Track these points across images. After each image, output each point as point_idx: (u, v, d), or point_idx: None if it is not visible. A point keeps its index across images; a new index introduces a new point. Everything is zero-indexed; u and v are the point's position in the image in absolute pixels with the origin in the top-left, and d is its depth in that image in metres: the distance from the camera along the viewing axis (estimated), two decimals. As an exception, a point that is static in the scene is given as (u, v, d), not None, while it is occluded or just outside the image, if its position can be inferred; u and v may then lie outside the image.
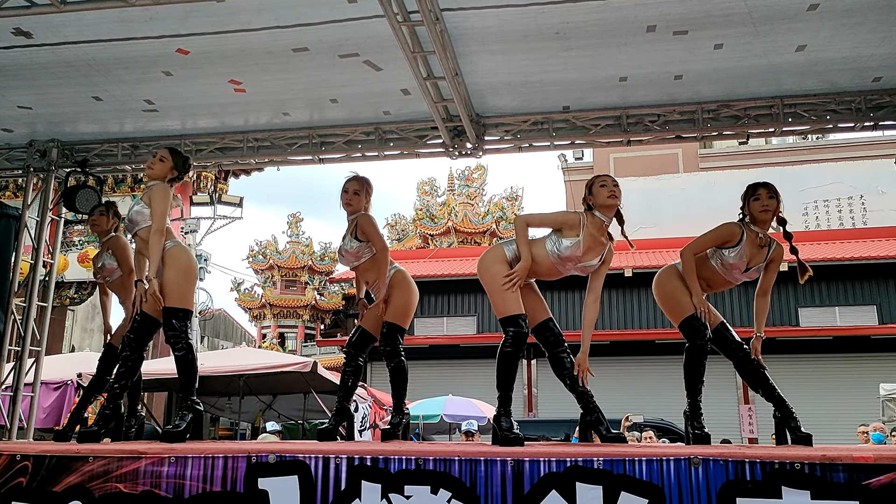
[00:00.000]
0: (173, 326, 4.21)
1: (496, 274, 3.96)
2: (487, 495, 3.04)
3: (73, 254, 13.64)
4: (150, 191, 4.36)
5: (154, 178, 4.47)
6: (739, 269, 4.09)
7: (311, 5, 4.65)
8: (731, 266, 4.08)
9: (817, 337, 17.63)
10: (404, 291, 4.52)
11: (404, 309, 4.50)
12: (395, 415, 4.53)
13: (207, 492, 3.29)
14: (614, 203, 3.93)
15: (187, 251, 4.43)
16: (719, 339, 4.13)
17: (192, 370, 4.32)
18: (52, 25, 4.91)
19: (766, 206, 4.06)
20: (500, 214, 30.86)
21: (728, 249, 4.06)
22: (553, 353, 4.07)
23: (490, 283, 3.98)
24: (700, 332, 4.00)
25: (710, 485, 2.90)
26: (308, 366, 10.77)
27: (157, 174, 4.46)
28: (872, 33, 4.95)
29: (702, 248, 4.13)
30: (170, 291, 4.20)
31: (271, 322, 32.83)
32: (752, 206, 4.11)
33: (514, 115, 6.25)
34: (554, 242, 3.97)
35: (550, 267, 4.00)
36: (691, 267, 4.07)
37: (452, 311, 20.82)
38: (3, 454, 3.61)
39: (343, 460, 3.21)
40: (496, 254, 4.09)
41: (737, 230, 4.08)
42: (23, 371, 6.95)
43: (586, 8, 4.66)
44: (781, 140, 25.05)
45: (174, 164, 4.51)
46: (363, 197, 4.58)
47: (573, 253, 3.91)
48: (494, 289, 3.95)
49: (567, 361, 4.02)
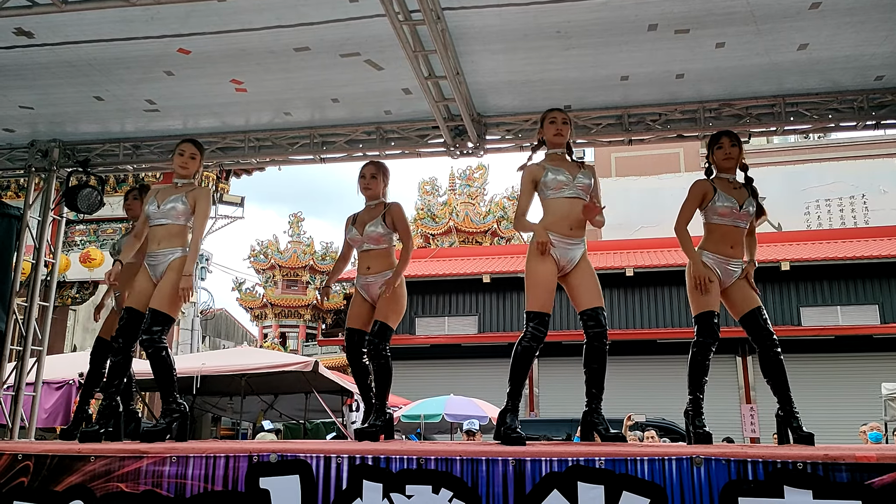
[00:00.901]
0: (156, 331, 4.23)
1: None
2: (489, 495, 3.04)
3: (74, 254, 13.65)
4: (198, 194, 4.44)
5: (188, 176, 4.53)
6: (735, 211, 4.13)
7: (312, 5, 4.65)
8: (727, 212, 4.12)
9: (819, 336, 17.61)
10: (403, 293, 4.55)
11: (400, 310, 4.52)
12: (378, 415, 4.37)
13: (209, 491, 3.29)
14: (560, 141, 4.27)
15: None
16: (751, 322, 4.10)
17: (171, 371, 4.32)
18: (53, 25, 4.91)
19: (729, 154, 4.20)
20: (501, 214, 30.85)
21: (711, 202, 4.13)
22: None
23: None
24: (711, 332, 4.00)
25: (713, 484, 2.89)
26: (309, 365, 10.79)
27: (191, 172, 4.54)
28: (875, 32, 4.94)
29: (687, 215, 4.19)
30: (169, 296, 4.25)
31: (273, 322, 32.86)
32: (716, 155, 4.25)
33: (515, 115, 6.25)
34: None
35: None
36: (685, 238, 4.15)
37: (453, 310, 20.81)
38: (5, 454, 3.61)
39: (344, 460, 3.21)
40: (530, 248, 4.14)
41: (706, 183, 4.20)
42: (24, 371, 6.96)
43: (587, 7, 4.65)
44: (783, 139, 25.03)
45: (202, 157, 4.63)
46: (381, 181, 4.66)
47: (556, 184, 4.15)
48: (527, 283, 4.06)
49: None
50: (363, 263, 4.57)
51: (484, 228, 30.26)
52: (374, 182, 4.62)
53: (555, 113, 4.32)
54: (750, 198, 4.18)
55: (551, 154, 4.31)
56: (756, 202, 4.24)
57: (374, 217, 4.54)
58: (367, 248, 4.56)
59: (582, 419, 4.16)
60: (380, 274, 4.49)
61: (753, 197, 4.22)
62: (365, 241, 4.54)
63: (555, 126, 4.26)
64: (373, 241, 4.52)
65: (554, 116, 4.29)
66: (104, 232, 13.90)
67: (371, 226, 4.51)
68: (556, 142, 4.27)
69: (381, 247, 4.54)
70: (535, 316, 3.95)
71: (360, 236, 4.54)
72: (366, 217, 4.59)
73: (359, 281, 4.59)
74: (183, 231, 4.42)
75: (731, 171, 4.23)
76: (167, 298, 4.24)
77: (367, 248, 4.56)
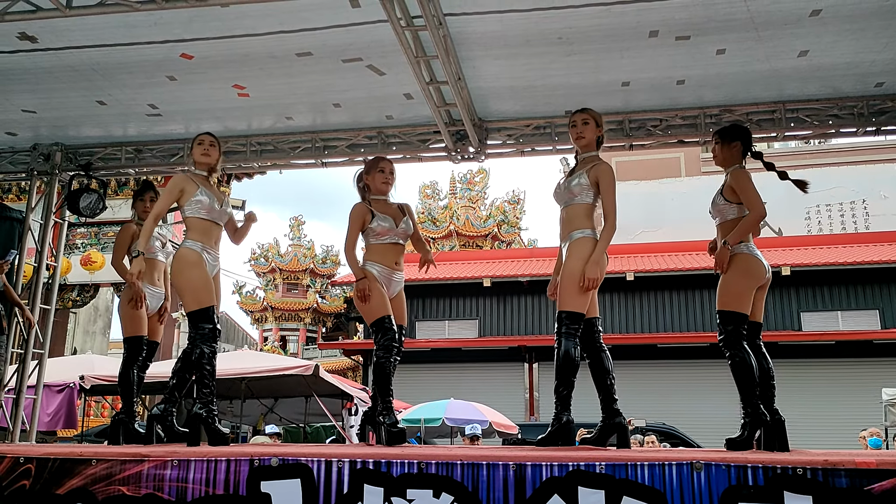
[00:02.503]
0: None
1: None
2: (490, 499, 3.05)
3: (75, 256, 13.64)
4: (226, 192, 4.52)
5: (210, 164, 4.54)
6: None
7: (315, 10, 4.67)
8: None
9: (819, 341, 17.59)
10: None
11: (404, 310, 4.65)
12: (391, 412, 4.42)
13: (210, 495, 3.30)
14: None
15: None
16: (751, 331, 4.06)
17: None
18: (56, 30, 4.94)
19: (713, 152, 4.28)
20: (501, 218, 30.89)
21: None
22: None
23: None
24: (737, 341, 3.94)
25: (713, 490, 2.90)
26: (310, 369, 10.79)
27: (213, 160, 4.56)
28: (875, 39, 4.96)
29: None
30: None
31: (273, 325, 32.87)
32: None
33: (516, 120, 6.27)
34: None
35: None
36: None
37: (454, 314, 20.80)
38: (7, 457, 3.62)
39: (345, 464, 3.22)
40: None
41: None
42: (26, 373, 6.98)
43: (589, 13, 4.67)
44: (784, 144, 25.05)
45: (220, 149, 4.64)
46: (394, 179, 4.72)
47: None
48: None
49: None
50: (391, 258, 4.50)
51: (484, 232, 30.27)
52: (392, 178, 4.64)
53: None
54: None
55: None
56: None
57: (395, 214, 4.53)
58: (396, 241, 4.51)
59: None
60: (402, 273, 4.59)
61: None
62: (400, 235, 4.51)
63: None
64: (402, 238, 4.54)
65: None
66: (105, 235, 13.91)
67: (404, 223, 4.53)
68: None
69: (403, 243, 4.59)
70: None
71: (396, 229, 4.49)
72: (388, 211, 4.53)
73: (383, 272, 4.46)
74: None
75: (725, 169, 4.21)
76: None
77: (396, 241, 4.51)
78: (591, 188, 4.17)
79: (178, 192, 4.39)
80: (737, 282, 3.96)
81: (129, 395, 4.94)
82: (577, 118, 4.33)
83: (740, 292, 3.95)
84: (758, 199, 4.00)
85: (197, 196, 4.36)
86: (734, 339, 3.92)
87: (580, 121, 4.30)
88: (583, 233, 4.13)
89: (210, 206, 4.38)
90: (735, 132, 4.22)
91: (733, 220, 4.07)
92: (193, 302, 4.25)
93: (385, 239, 4.46)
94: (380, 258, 4.45)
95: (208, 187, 4.45)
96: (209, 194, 4.40)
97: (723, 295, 4.00)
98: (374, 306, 4.33)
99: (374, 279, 4.36)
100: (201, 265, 4.30)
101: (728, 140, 4.18)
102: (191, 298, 4.25)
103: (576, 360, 4.03)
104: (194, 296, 4.24)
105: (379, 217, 4.43)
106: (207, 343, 4.24)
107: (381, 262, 4.44)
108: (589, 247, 4.08)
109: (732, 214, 4.09)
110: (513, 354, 19.22)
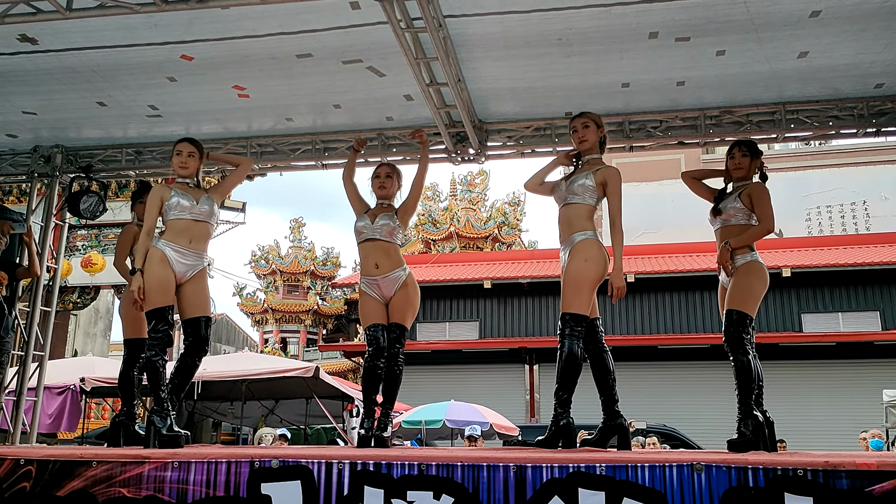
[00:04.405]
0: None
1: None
2: (490, 501, 3.04)
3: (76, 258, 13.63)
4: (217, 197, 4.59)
5: (189, 176, 4.49)
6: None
7: (315, 12, 4.67)
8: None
9: (820, 343, 17.58)
10: (417, 293, 4.56)
11: (415, 311, 4.54)
12: (383, 419, 4.37)
13: (210, 497, 3.29)
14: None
15: None
16: None
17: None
18: (57, 32, 4.94)
19: (739, 164, 4.33)
20: (502, 220, 30.87)
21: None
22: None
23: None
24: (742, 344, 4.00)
25: (713, 491, 2.89)
26: (310, 371, 10.80)
27: (192, 171, 4.50)
28: (874, 40, 4.96)
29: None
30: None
31: (273, 327, 32.86)
32: (728, 164, 4.42)
33: (516, 121, 6.27)
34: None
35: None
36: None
37: (454, 316, 20.80)
38: (7, 459, 3.61)
39: (346, 465, 3.21)
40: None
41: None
42: (26, 375, 6.98)
43: (589, 14, 4.68)
44: (784, 146, 25.02)
45: (202, 156, 4.59)
46: (395, 182, 4.68)
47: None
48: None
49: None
50: (370, 261, 4.47)
51: (485, 234, 30.26)
52: (389, 182, 4.63)
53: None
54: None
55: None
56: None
57: (386, 213, 4.54)
58: (375, 237, 4.49)
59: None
60: (390, 273, 4.44)
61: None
62: (382, 231, 4.47)
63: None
64: (387, 234, 4.48)
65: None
66: (106, 237, 13.90)
67: (382, 218, 4.49)
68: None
69: (390, 240, 4.49)
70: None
71: (381, 229, 4.47)
72: (378, 211, 4.57)
73: (365, 281, 4.50)
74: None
75: (741, 179, 4.33)
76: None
77: (375, 237, 4.49)
78: (597, 190, 4.18)
79: (158, 202, 4.39)
80: (754, 285, 4.08)
81: (130, 397, 4.94)
82: (576, 123, 4.34)
83: (756, 296, 4.08)
84: (772, 216, 4.16)
85: (172, 199, 4.37)
86: (741, 340, 3.98)
87: (580, 125, 4.32)
88: (585, 234, 4.14)
89: (189, 205, 4.38)
90: (759, 150, 4.40)
91: (740, 225, 4.18)
92: (147, 303, 4.24)
93: (360, 237, 4.56)
94: (363, 259, 4.55)
95: (185, 189, 4.44)
96: (184, 195, 4.39)
97: (737, 294, 4.07)
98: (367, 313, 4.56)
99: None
100: (163, 264, 4.26)
101: (757, 155, 4.34)
102: (146, 299, 4.23)
103: (579, 361, 4.03)
104: (147, 296, 4.22)
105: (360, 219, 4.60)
106: (154, 348, 4.21)
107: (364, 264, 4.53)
108: (594, 248, 4.10)
109: (743, 220, 4.20)
110: (513, 356, 19.22)
